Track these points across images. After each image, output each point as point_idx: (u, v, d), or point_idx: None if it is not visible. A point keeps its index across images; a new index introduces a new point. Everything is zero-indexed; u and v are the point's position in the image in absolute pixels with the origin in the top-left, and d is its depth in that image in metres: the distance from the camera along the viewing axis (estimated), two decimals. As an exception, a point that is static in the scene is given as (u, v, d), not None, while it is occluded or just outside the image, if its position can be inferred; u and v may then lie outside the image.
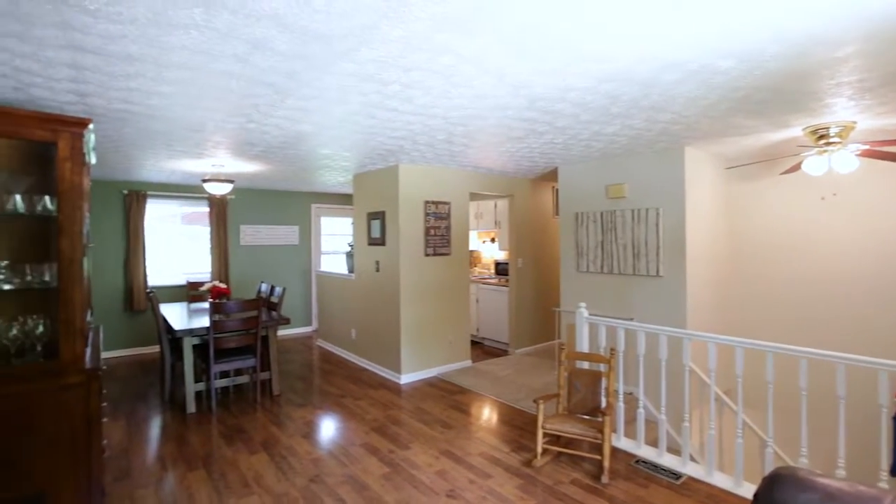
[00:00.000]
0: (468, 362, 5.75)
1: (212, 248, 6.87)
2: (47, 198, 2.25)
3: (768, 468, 2.73)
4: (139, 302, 6.26)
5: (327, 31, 1.85)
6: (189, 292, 5.86)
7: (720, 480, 2.95)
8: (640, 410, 3.43)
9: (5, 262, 2.18)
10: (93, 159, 3.24)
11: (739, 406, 2.88)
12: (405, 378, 5.11)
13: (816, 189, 4.54)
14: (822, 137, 3.39)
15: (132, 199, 6.21)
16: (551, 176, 6.27)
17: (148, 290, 5.36)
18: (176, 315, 4.84)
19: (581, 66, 2.26)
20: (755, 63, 2.21)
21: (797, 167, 3.85)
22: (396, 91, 2.58)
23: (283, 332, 7.51)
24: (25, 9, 1.67)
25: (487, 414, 4.20)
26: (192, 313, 4.95)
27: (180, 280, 6.66)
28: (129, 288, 6.25)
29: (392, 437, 3.68)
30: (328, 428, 3.88)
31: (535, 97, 2.73)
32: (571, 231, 5.24)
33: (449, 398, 4.59)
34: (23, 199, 2.20)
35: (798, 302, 4.71)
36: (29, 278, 2.26)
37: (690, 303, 4.28)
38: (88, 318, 2.81)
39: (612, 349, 3.40)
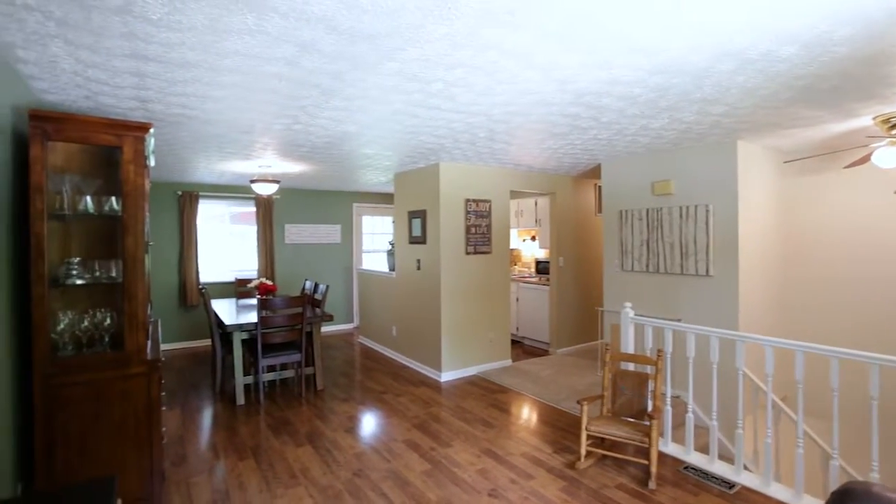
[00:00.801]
0: (508, 361, 5.71)
1: (258, 247, 7.13)
2: (113, 198, 2.39)
3: (833, 482, 2.57)
4: (192, 297, 6.57)
5: (374, 31, 1.88)
6: (237, 289, 6.09)
7: (778, 492, 2.80)
8: (690, 415, 3.30)
9: (77, 259, 2.33)
10: (152, 162, 3.42)
11: (800, 414, 2.72)
12: (445, 376, 5.13)
13: (886, 183, 4.23)
14: (894, 127, 3.15)
15: (185, 200, 6.52)
16: (593, 173, 6.13)
17: (200, 287, 5.62)
18: (225, 310, 5.04)
19: (630, 58, 2.19)
20: (822, 48, 2.07)
21: (865, 159, 3.60)
22: (439, 89, 2.59)
23: (325, 328, 7.70)
24: (97, 22, 1.78)
25: (529, 414, 4.16)
26: (241, 309, 5.15)
27: (229, 277, 6.94)
28: (183, 284, 6.56)
29: (433, 435, 3.70)
30: (370, 423, 3.95)
31: (580, 92, 2.67)
32: (615, 229, 5.11)
33: (489, 397, 4.58)
34: (92, 199, 2.35)
35: (862, 305, 4.40)
36: (98, 274, 2.41)
37: (743, 304, 4.09)
38: (149, 312, 2.97)
39: (659, 351, 3.29)
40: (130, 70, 2.27)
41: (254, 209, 7.16)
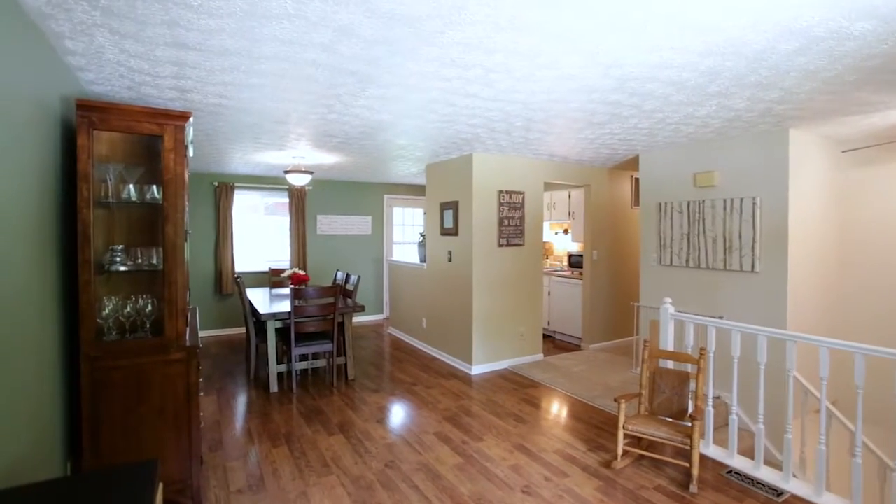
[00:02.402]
0: (540, 356, 5.62)
1: (291, 237, 7.22)
2: (154, 187, 2.42)
3: (894, 495, 2.40)
4: (227, 286, 6.73)
5: (414, 13, 1.82)
6: (271, 278, 6.19)
7: (831, 502, 2.64)
8: (734, 417, 3.15)
9: (121, 246, 2.38)
10: (191, 152, 3.47)
11: (859, 422, 2.55)
12: (476, 369, 5.08)
13: (955, 175, 3.92)
14: (970, 113, 2.90)
15: (222, 191, 6.66)
16: (630, 164, 5.93)
17: (235, 276, 5.73)
18: (259, 299, 5.13)
19: (682, 40, 2.06)
20: (898, 25, 1.90)
21: (934, 149, 3.33)
22: (478, 76, 2.51)
23: (356, 319, 7.77)
24: (140, 10, 1.78)
25: (561, 410, 4.07)
26: (274, 298, 5.23)
27: (263, 267, 7.07)
28: (219, 273, 6.72)
29: (465, 428, 3.66)
30: (401, 415, 3.95)
31: (625, 77, 2.55)
32: (653, 222, 4.93)
33: (521, 392, 4.51)
34: (135, 188, 2.39)
35: (926, 305, 4.11)
36: (140, 261, 2.45)
37: (792, 302, 3.88)
38: (187, 299, 3.02)
39: (701, 349, 3.14)
40: (171, 59, 2.28)
41: (287, 200, 7.26)
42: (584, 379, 4.86)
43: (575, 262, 6.85)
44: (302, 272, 5.47)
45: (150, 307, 2.43)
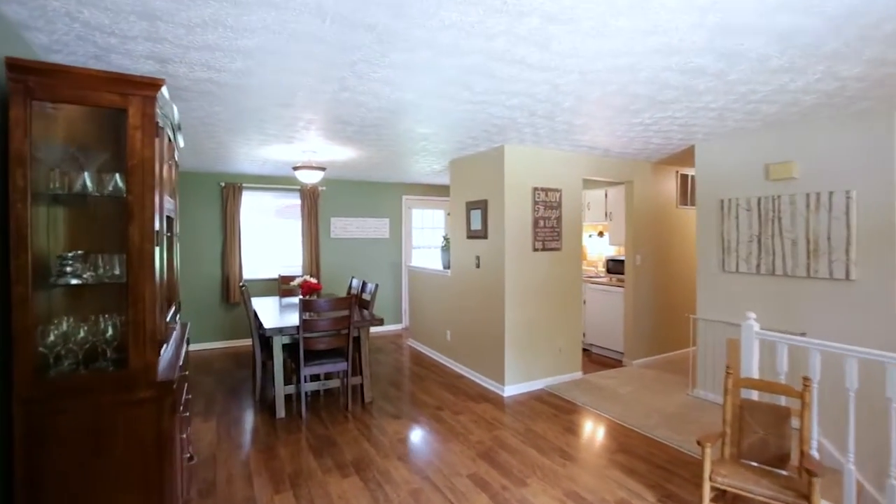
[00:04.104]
0: (579, 374, 4.98)
1: (303, 241, 6.72)
2: (117, 175, 1.89)
3: None
4: (234, 294, 6.24)
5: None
6: (280, 286, 5.68)
7: None
8: (850, 468, 2.48)
9: (74, 253, 1.85)
10: (180, 141, 2.95)
11: None
12: (509, 390, 4.47)
13: None
14: None
15: (229, 191, 6.18)
16: (676, 159, 5.28)
17: (241, 284, 5.24)
18: (267, 310, 4.61)
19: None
20: None
21: None
22: (533, 28, 1.93)
23: (372, 330, 7.21)
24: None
25: (614, 443, 3.44)
26: (284, 309, 4.70)
27: (273, 273, 6.57)
28: (226, 280, 6.24)
29: (503, 468, 3.06)
30: (426, 449, 3.36)
31: (723, 27, 1.94)
32: (713, 222, 4.27)
33: (563, 418, 3.89)
34: (91, 177, 1.86)
35: None
36: (101, 271, 1.92)
37: (900, 316, 3.19)
38: (170, 316, 2.49)
39: (805, 380, 2.49)
40: (136, 9, 1.75)
41: (299, 202, 6.75)
42: (635, 403, 4.21)
43: (614, 267, 6.20)
44: (314, 280, 4.93)
45: (110, 331, 1.89)
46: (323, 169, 4.62)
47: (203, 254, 6.18)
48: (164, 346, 2.16)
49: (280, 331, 3.81)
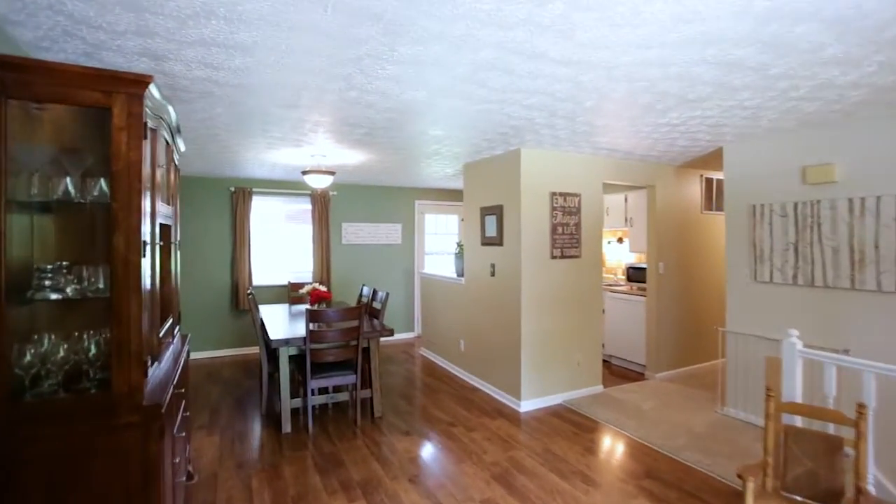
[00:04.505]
0: (599, 388, 4.74)
1: (314, 247, 6.58)
2: (103, 181, 1.74)
3: None
4: (244, 301, 6.12)
5: None
6: (290, 293, 5.55)
7: None
8: (912, 503, 2.22)
9: (54, 265, 1.70)
10: (181, 144, 2.82)
11: None
12: (525, 405, 4.25)
13: None
14: None
15: (238, 196, 6.08)
16: (700, 162, 5.03)
17: (248, 292, 5.11)
18: (276, 319, 4.47)
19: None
20: None
21: None
22: (556, 16, 1.73)
23: (383, 338, 7.02)
24: None
25: (639, 466, 3.20)
26: (293, 317, 4.56)
27: (284, 280, 6.44)
28: (235, 286, 6.13)
29: (520, 494, 2.84)
30: (439, 470, 3.16)
31: (774, 12, 1.72)
32: (744, 228, 4.01)
33: (584, 437, 3.65)
34: (74, 182, 1.71)
35: None
36: (84, 284, 1.77)
37: (957, 333, 2.91)
38: (166, 329, 2.34)
39: (860, 407, 2.24)
40: (121, 0, 1.61)
41: (310, 207, 6.63)
42: (660, 420, 3.95)
43: (635, 275, 5.94)
44: (323, 288, 4.78)
45: (94, 349, 1.74)
46: (332, 173, 4.47)
47: (212, 260, 6.09)
48: (156, 364, 2.01)
49: (286, 342, 3.66)
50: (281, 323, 4.28)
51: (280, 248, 6.63)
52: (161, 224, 2.37)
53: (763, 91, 2.61)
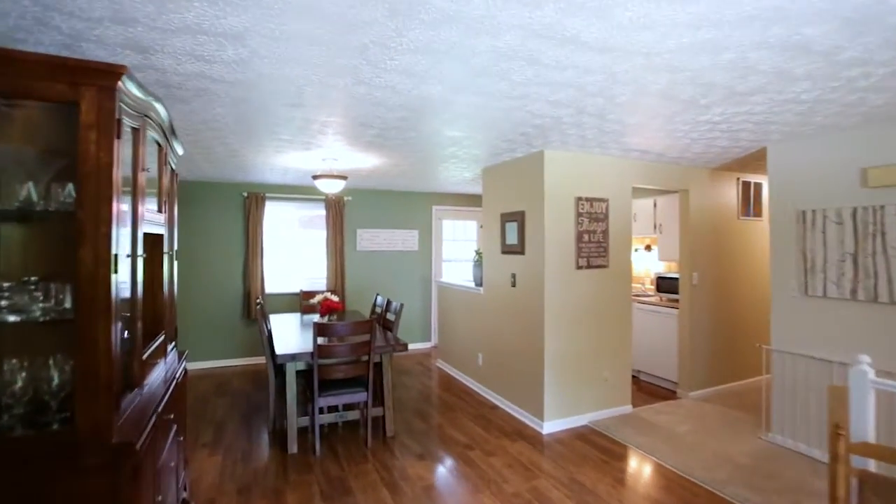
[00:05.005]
0: (628, 408, 4.39)
1: (328, 254, 6.39)
2: (71, 186, 1.53)
3: None
4: (256, 309, 5.96)
5: None
6: (302, 302, 5.35)
7: None
8: None
9: (8, 284, 1.49)
10: (177, 147, 2.63)
11: None
12: (549, 426, 3.94)
13: None
14: None
15: (251, 202, 5.93)
16: (736, 164, 4.66)
17: (257, 301, 4.93)
18: (286, 329, 4.26)
19: None
20: None
21: None
22: (592, -11, 1.46)
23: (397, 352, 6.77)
24: None
25: (679, 503, 2.86)
26: (305, 327, 4.35)
27: (297, 287, 6.26)
28: (247, 294, 5.97)
29: (545, 535, 2.55)
30: (454, 502, 2.88)
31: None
32: (791, 237, 3.64)
33: (614, 466, 3.33)
34: (38, 188, 1.51)
35: None
36: (51, 303, 1.56)
37: None
38: (154, 348, 2.13)
39: (953, 449, 1.89)
40: (89, -22, 1.40)
41: (324, 212, 6.44)
42: (697, 447, 3.60)
43: (665, 285, 5.56)
44: (335, 298, 4.56)
45: (57, 378, 1.52)
46: (344, 178, 4.25)
47: (224, 266, 5.94)
48: (135, 391, 1.79)
49: (293, 357, 3.43)
50: (291, 334, 4.06)
51: (294, 254, 6.45)
52: (149, 233, 2.16)
53: (826, 80, 2.28)
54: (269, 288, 6.16)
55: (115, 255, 1.54)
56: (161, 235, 2.38)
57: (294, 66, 2.09)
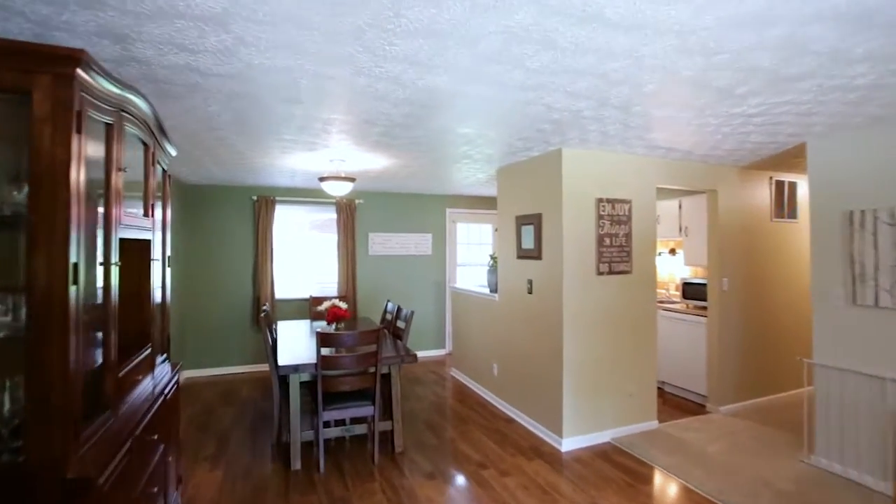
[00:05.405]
0: (654, 423, 4.10)
1: (339, 259, 6.23)
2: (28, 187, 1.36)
3: None
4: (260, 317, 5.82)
5: None
6: (311, 308, 5.20)
7: None
8: None
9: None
10: (168, 147, 2.47)
11: None
12: (568, 443, 3.68)
13: None
14: None
15: (261, 205, 5.81)
16: (768, 162, 4.34)
17: (262, 310, 4.79)
18: (294, 337, 4.11)
19: None
20: None
21: None
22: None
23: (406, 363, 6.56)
24: None
25: (715, 537, 2.59)
26: (312, 335, 4.19)
27: (307, 293, 6.11)
28: (257, 300, 5.84)
29: (565, 572, 2.30)
30: (465, 529, 2.65)
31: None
32: (836, 240, 3.33)
33: (640, 490, 3.06)
34: (-10, 188, 1.34)
35: None
36: (9, 318, 1.40)
37: None
38: (135, 365, 1.96)
39: None
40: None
41: (335, 216, 6.29)
42: (732, 469, 3.30)
43: (691, 291, 5.24)
44: (343, 305, 4.37)
45: (8, 404, 1.35)
46: (352, 180, 4.08)
47: (234, 271, 5.83)
48: (108, 413, 1.62)
49: (295, 368, 3.26)
50: (297, 343, 3.90)
51: (304, 259, 6.32)
52: (133, 239, 2.00)
53: (887, 62, 2.00)
54: (280, 293, 6.03)
55: (75, 265, 1.36)
56: (148, 241, 2.22)
57: (285, 55, 1.90)
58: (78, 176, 1.38)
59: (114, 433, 1.63)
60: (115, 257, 1.68)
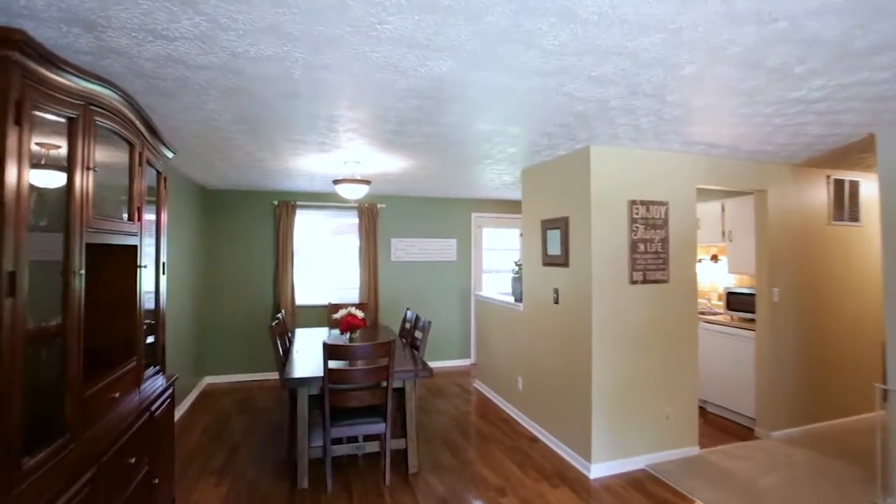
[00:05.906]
0: (695, 449, 3.70)
1: (360, 265, 6.07)
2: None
3: None
4: (287, 323, 5.72)
5: None
6: (330, 315, 5.04)
7: None
8: None
9: None
10: (162, 148, 2.34)
11: None
12: (597, 469, 3.35)
13: None
14: None
15: (281, 210, 5.73)
16: (825, 160, 3.89)
17: (276, 316, 4.66)
18: (308, 346, 3.95)
19: None
20: None
21: None
22: None
23: (435, 363, 6.34)
24: None
25: (770, 593, 2.21)
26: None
27: (328, 300, 5.99)
28: (277, 306, 5.75)
29: None
30: (477, 567, 2.38)
31: None
32: (913, 246, 2.88)
33: (679, 529, 2.70)
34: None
35: None
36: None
37: None
38: (114, 379, 1.80)
39: None
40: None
41: (356, 220, 6.15)
42: (789, 508, 2.89)
43: (736, 302, 4.79)
44: (360, 314, 4.16)
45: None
46: (367, 182, 3.90)
47: (254, 277, 5.77)
48: (65, 437, 1.46)
49: (301, 382, 3.07)
50: (312, 353, 3.73)
51: (325, 265, 6.20)
52: (115, 245, 1.86)
53: None
54: (300, 300, 5.92)
55: (11, 273, 1.19)
56: (134, 247, 2.08)
57: (269, 41, 1.71)
58: (19, 172, 1.22)
59: (72, 461, 1.46)
60: (77, 265, 1.52)
